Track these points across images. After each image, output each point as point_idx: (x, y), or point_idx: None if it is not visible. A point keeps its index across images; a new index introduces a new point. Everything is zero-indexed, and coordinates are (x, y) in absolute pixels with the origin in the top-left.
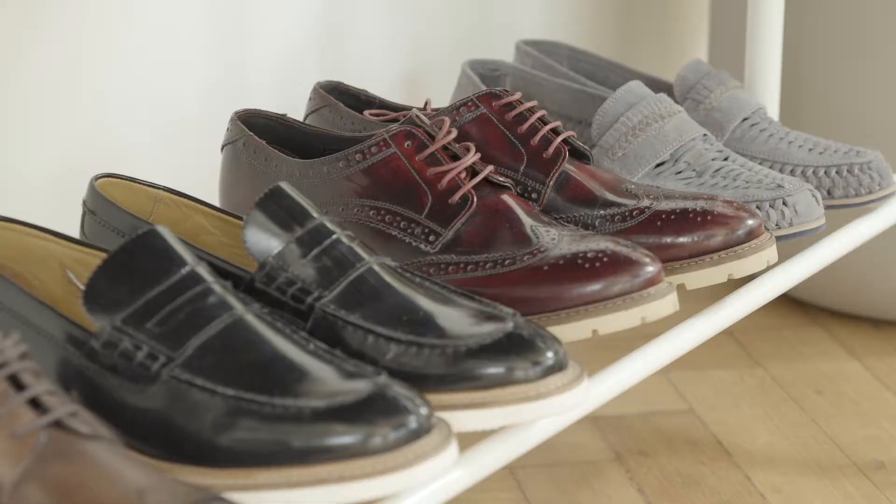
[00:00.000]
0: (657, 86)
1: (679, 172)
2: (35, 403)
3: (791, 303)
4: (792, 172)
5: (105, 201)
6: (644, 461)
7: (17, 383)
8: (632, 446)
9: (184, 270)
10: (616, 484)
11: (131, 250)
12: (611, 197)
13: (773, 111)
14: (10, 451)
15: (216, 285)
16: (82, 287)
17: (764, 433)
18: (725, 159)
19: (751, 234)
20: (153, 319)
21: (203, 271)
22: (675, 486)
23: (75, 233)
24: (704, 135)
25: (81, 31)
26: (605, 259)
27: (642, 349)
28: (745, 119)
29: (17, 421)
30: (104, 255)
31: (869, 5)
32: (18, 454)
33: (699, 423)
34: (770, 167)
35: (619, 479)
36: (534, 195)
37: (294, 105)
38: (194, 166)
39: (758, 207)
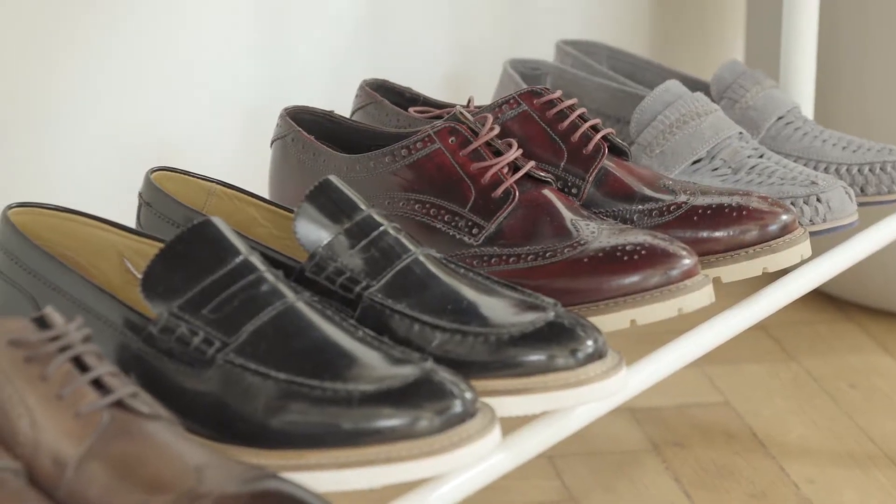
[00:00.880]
0: (694, 85)
1: (715, 169)
2: (98, 384)
3: (824, 298)
4: (826, 170)
5: (160, 193)
6: (680, 452)
7: (80, 365)
8: (668, 437)
9: (238, 259)
10: (653, 473)
11: (187, 240)
12: (649, 192)
13: (808, 110)
14: (74, 429)
15: (268, 274)
16: (139, 275)
17: (798, 425)
18: (761, 157)
19: (785, 229)
20: (209, 306)
21: (256, 260)
22: (710, 477)
23: (131, 224)
24: (740, 133)
25: (135, 28)
26: (643, 252)
27: (678, 340)
28: (780, 118)
29: (81, 400)
30: (161, 245)
31: None
32: (82, 433)
33: (734, 416)
34: (804, 165)
35: (656, 468)
36: (574, 190)
37: (341, 102)
38: (245, 161)
39: (792, 203)
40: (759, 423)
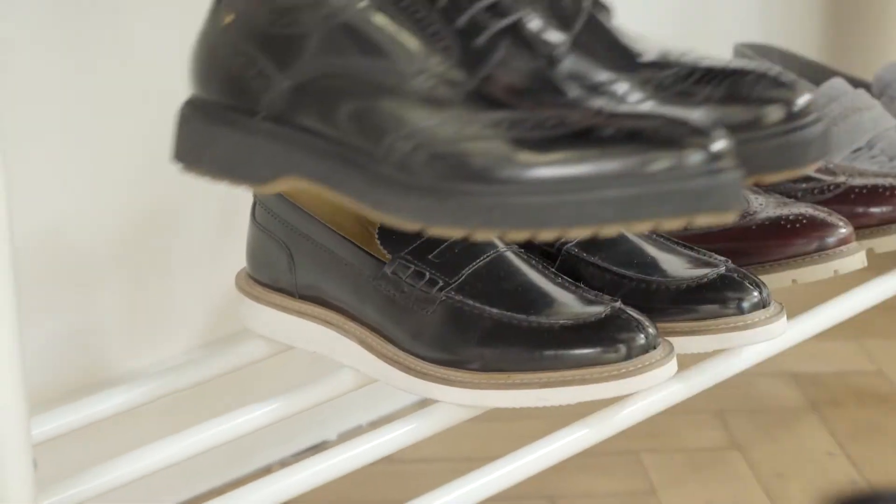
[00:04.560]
0: (857, 84)
1: (873, 157)
2: None
3: None
4: None
5: None
6: (836, 411)
7: None
8: (826, 398)
9: None
10: (811, 428)
11: None
12: (811, 173)
13: None
14: None
15: None
16: (373, 230)
17: None
18: None
19: None
20: (433, 252)
21: None
22: (863, 432)
23: None
24: None
25: None
26: (804, 221)
27: (832, 301)
28: None
29: None
30: None
31: None
32: None
33: (887, 382)
34: None
35: (815, 423)
36: None
37: None
38: None
39: None
40: None
